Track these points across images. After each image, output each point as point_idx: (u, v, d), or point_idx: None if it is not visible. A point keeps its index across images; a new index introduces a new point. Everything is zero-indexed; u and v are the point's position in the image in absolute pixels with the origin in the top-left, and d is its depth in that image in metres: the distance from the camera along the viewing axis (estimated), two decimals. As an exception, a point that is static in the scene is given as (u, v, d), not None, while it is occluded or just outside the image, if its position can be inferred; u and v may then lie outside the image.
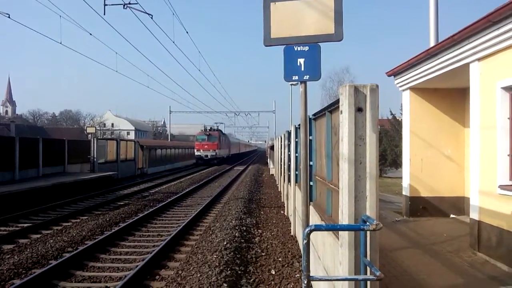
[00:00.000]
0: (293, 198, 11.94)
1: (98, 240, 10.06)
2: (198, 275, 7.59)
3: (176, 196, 19.05)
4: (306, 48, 5.18)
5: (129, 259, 9.21)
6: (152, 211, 14.65)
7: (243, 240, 10.66)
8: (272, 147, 40.15)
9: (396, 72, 11.98)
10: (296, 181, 11.62)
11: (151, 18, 16.65)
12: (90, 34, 18.52)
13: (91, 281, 7.72)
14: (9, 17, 14.89)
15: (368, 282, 3.74)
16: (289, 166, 14.32)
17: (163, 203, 16.67)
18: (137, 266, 8.09)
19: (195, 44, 26.95)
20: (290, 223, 12.24)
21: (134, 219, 12.96)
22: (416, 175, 11.52)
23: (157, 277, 7.93)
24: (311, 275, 3.54)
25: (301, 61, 5.19)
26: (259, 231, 11.94)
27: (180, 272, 7.94)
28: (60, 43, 16.79)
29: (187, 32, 21.40)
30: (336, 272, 4.51)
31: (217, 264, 8.25)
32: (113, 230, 11.40)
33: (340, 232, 4.16)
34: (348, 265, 3.93)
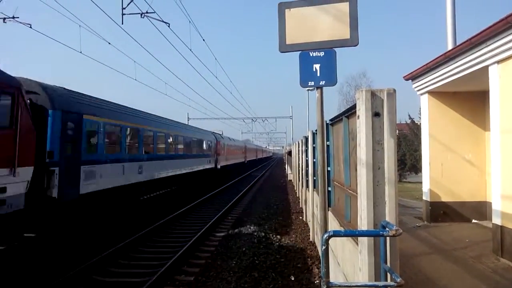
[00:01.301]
0: (311, 203, 11.89)
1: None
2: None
3: (194, 203, 19.09)
4: (322, 54, 5.18)
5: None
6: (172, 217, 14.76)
7: (261, 246, 10.66)
8: (289, 153, 40.05)
9: (413, 76, 11.87)
10: (314, 187, 11.58)
11: (168, 26, 16.83)
12: (109, 43, 18.80)
13: None
14: (30, 27, 15.22)
15: (388, 288, 3.70)
16: (307, 171, 14.27)
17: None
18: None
19: (211, 51, 27.45)
20: (309, 229, 12.18)
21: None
22: (436, 179, 11.36)
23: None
24: (330, 281, 3.52)
25: (316, 66, 5.18)
26: (278, 236, 11.91)
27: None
28: (80, 52, 17.08)
29: (203, 40, 21.54)
30: (356, 278, 4.47)
31: (237, 270, 8.26)
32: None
33: (359, 238, 4.13)
34: (368, 271, 3.90)
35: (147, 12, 16.00)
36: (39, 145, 9.84)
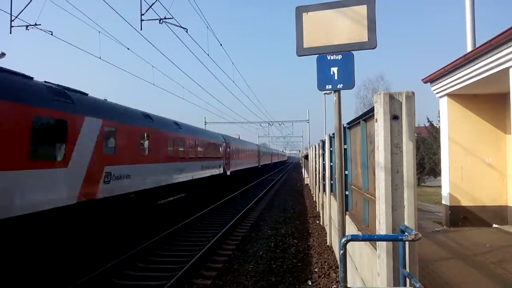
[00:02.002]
0: (328, 207, 11.82)
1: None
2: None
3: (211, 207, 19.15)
4: (339, 57, 5.15)
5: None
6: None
7: (278, 250, 10.63)
8: (306, 157, 39.92)
9: (432, 79, 11.73)
10: (331, 191, 11.51)
11: (186, 32, 17.00)
12: (128, 48, 19.06)
13: None
14: (52, 34, 15.51)
15: (408, 294, 3.65)
16: (323, 175, 14.20)
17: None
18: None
19: (228, 56, 27.58)
20: (326, 233, 12.11)
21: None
22: (456, 183, 11.18)
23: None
24: (348, 286, 3.49)
25: (334, 70, 5.16)
26: (295, 241, 11.87)
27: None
28: (100, 57, 17.34)
29: (221, 45, 21.67)
30: (374, 283, 4.43)
31: (253, 274, 8.26)
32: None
33: (377, 243, 4.09)
34: (386, 276, 3.86)
35: (165, 18, 16.18)
36: None
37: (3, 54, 19.66)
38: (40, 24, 15.66)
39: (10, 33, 15.54)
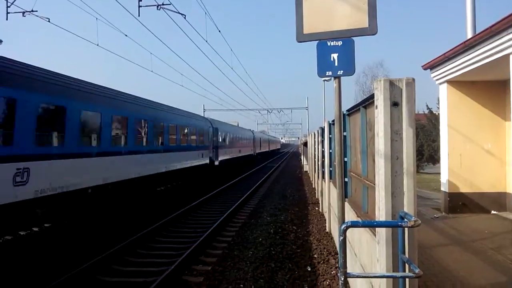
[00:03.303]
0: (327, 194, 11.86)
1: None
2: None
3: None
4: (340, 43, 5.12)
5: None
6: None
7: (278, 237, 10.69)
8: (305, 144, 39.94)
9: (432, 65, 11.68)
10: (330, 178, 11.54)
11: (184, 18, 16.86)
12: (126, 35, 18.92)
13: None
14: (49, 21, 15.39)
15: (407, 280, 3.68)
16: (323, 162, 14.22)
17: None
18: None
19: (227, 42, 27.42)
20: (325, 220, 12.17)
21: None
22: (455, 170, 11.20)
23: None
24: (347, 272, 3.51)
25: (334, 56, 5.13)
26: (294, 227, 11.92)
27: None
28: (97, 44, 17.24)
29: (219, 31, 21.52)
30: (373, 269, 4.46)
31: (253, 260, 8.31)
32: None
33: (377, 229, 4.11)
34: (385, 262, 3.88)
35: (163, 4, 16.06)
36: None
37: (0, 41, 19.53)
38: (36, 11, 15.54)
39: (7, 19, 15.41)
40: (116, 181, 14.89)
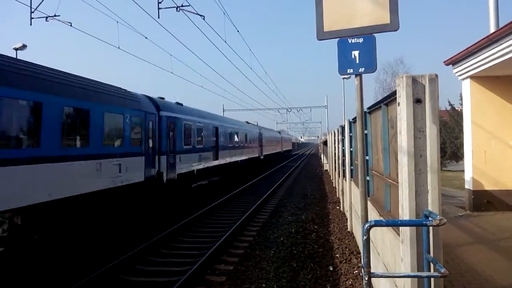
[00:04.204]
0: (348, 193, 11.76)
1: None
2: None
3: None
4: (361, 40, 5.06)
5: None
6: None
7: (299, 236, 10.65)
8: (325, 143, 39.71)
9: (454, 61, 11.46)
10: (351, 176, 11.44)
11: (203, 19, 16.94)
12: (146, 37, 19.07)
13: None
14: (71, 25, 15.64)
15: (432, 279, 3.61)
16: (343, 161, 14.11)
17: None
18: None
19: (246, 42, 27.35)
20: (347, 219, 12.07)
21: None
22: (479, 167, 10.97)
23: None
24: (371, 271, 3.47)
25: (355, 53, 5.07)
26: (315, 226, 11.86)
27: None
28: (118, 47, 17.41)
29: (238, 31, 21.56)
30: (397, 269, 4.40)
31: (275, 260, 8.31)
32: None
33: (401, 228, 4.05)
34: (410, 262, 3.82)
35: (182, 6, 16.15)
36: None
37: (24, 46, 19.96)
38: (59, 15, 15.78)
39: (31, 24, 15.70)
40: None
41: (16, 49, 19.24)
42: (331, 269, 7.98)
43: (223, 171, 26.27)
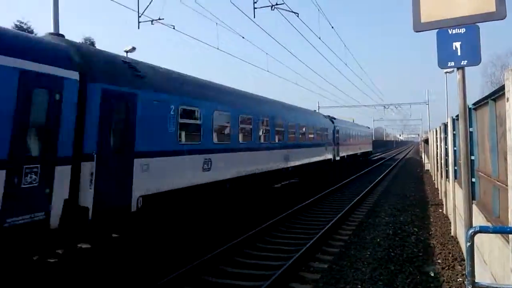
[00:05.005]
0: (452, 195, 11.04)
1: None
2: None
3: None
4: (463, 30, 4.69)
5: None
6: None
7: (397, 238, 10.23)
8: (426, 141, 37.70)
9: None
10: (455, 177, 10.72)
11: (297, 16, 17.00)
12: (243, 37, 19.58)
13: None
14: (174, 28, 16.54)
15: (549, 294, 3.25)
16: (446, 161, 13.28)
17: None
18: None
19: (340, 38, 26.85)
20: (450, 223, 11.33)
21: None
22: None
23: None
24: (476, 281, 3.21)
25: (457, 45, 4.71)
26: (415, 229, 11.31)
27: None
28: (217, 48, 18.10)
29: (332, 27, 21.29)
30: (506, 280, 4.03)
31: (371, 261, 8.09)
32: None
33: (510, 236, 3.71)
34: (521, 272, 3.48)
35: (276, 4, 16.34)
36: None
37: (133, 48, 21.56)
38: (163, 19, 16.77)
39: (138, 28, 16.87)
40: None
41: (127, 52, 20.77)
42: (432, 274, 7.55)
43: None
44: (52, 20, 11.81)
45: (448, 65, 4.85)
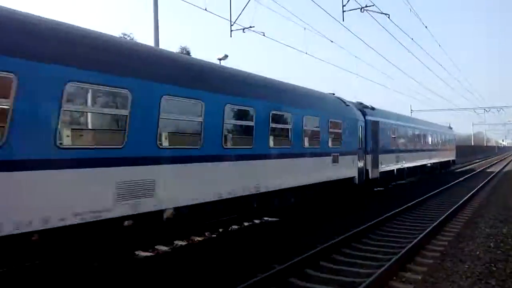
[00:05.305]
0: None
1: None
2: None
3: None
4: None
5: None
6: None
7: (499, 252, 9.58)
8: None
9: None
10: None
11: (388, 17, 16.56)
12: (331, 41, 19.52)
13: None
14: (264, 35, 16.95)
15: None
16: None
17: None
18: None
19: (434, 37, 25.39)
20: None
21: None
22: None
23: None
24: None
25: None
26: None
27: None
28: (306, 53, 18.28)
29: (426, 27, 20.42)
30: None
31: (469, 275, 7.68)
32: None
33: None
34: None
35: (366, 6, 16.05)
36: None
37: (226, 56, 22.38)
38: (254, 26, 17.25)
39: (231, 36, 17.53)
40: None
41: (220, 59, 21.63)
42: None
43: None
44: (153, 34, 13.77)
45: None
